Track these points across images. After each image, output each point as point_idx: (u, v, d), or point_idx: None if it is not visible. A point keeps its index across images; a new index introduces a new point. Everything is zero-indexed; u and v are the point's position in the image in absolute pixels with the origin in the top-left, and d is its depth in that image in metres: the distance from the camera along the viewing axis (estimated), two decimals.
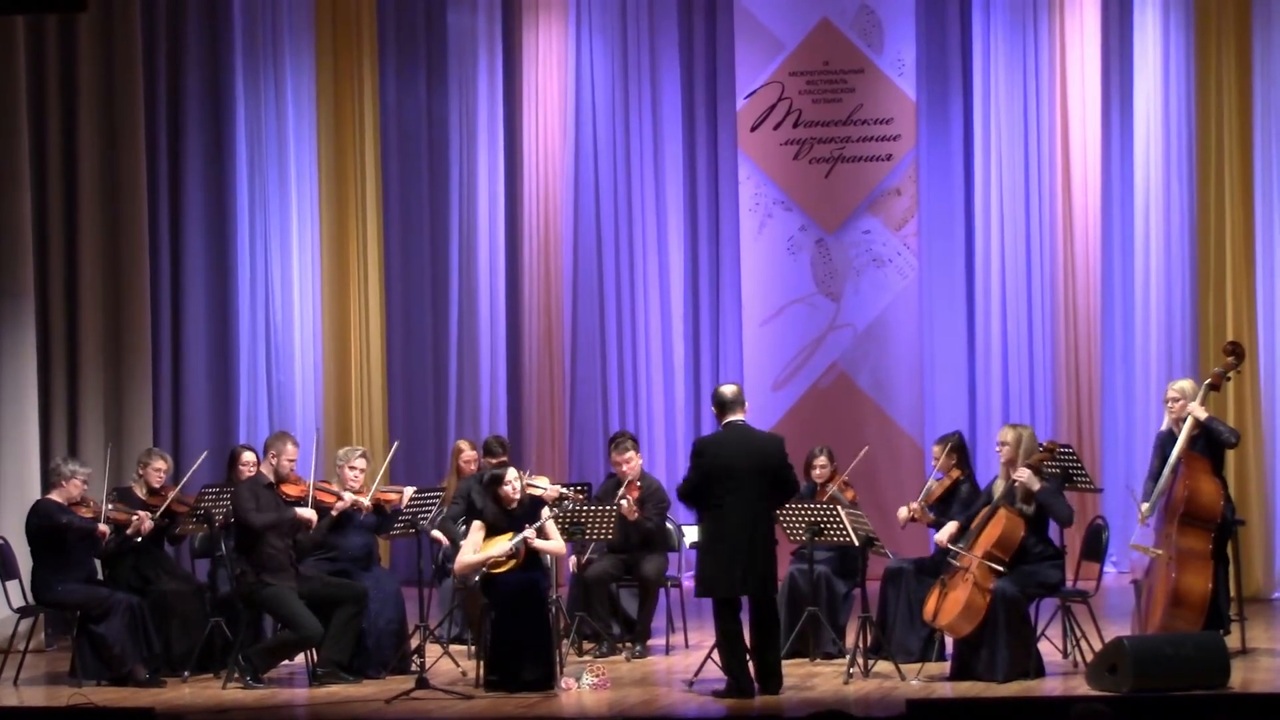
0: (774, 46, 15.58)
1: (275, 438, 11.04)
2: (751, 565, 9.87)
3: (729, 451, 9.95)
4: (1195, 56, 14.12)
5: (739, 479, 9.87)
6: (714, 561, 9.94)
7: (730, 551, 9.88)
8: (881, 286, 15.47)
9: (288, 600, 10.52)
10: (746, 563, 9.85)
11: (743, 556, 9.85)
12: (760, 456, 9.96)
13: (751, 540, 9.87)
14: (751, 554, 9.86)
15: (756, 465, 9.91)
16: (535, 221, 15.68)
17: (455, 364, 15.63)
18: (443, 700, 9.95)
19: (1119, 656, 9.60)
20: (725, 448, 9.99)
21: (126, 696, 10.36)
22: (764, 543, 9.93)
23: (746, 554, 9.85)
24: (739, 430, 10.07)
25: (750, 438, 10.08)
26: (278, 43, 14.82)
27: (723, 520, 9.91)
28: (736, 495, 9.87)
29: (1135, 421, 14.51)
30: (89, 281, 13.13)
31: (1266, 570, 13.84)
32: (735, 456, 9.92)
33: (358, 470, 11.15)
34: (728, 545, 9.89)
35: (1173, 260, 14.31)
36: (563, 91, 15.72)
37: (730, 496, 9.87)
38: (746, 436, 10.07)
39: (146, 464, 11.42)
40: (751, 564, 9.87)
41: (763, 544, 9.92)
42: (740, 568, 9.86)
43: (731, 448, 9.97)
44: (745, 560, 9.85)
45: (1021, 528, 10.17)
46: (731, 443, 10.01)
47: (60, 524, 10.80)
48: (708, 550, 10.01)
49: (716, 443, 10.07)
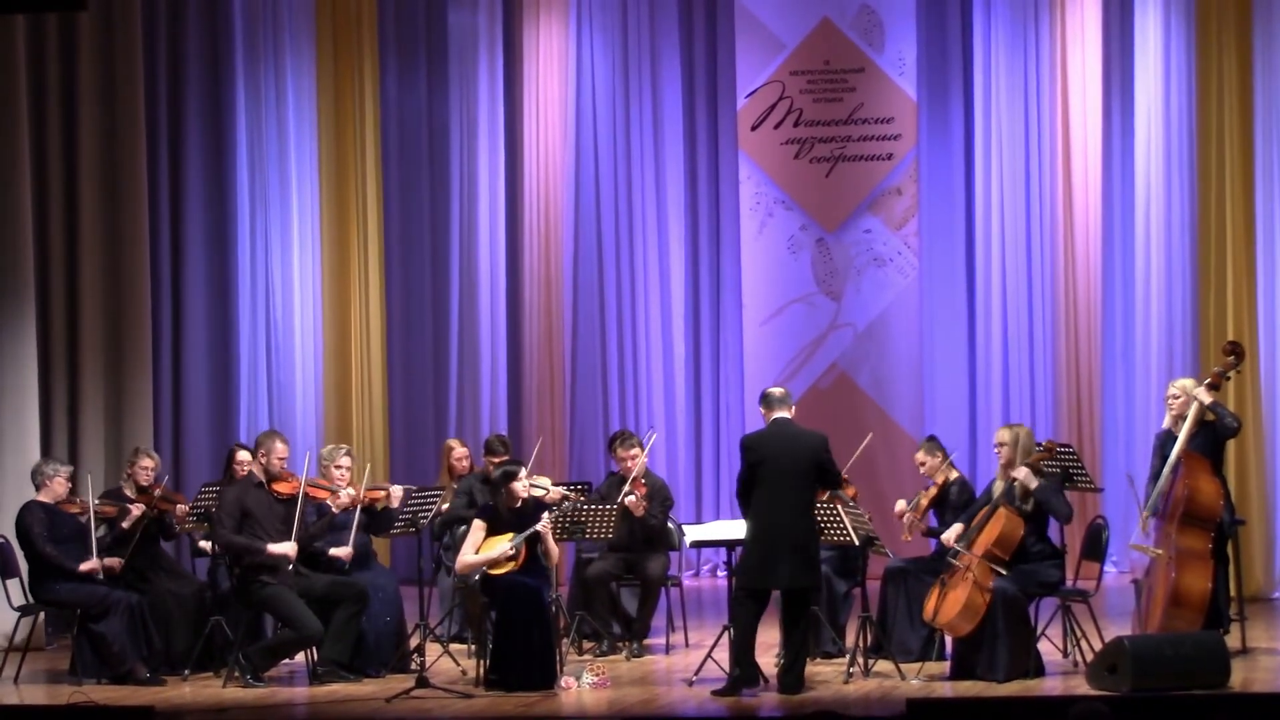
0: (774, 46, 15.59)
1: (264, 436, 11.01)
2: (792, 561, 9.95)
3: (773, 445, 10.10)
4: (1196, 54, 14.12)
5: (782, 474, 10.02)
6: (754, 553, 10.04)
7: (770, 545, 9.98)
8: (882, 286, 15.48)
9: (287, 599, 10.51)
10: (786, 558, 9.94)
11: (781, 549, 9.95)
12: (804, 451, 10.09)
13: (792, 535, 9.96)
14: (790, 547, 9.95)
15: (799, 459, 10.05)
16: (535, 220, 15.68)
17: (455, 363, 15.64)
18: (443, 699, 9.95)
19: (1119, 656, 9.59)
20: (770, 442, 10.13)
21: (126, 695, 10.35)
22: (805, 538, 10.01)
23: (785, 547, 9.95)
24: (783, 426, 10.21)
25: (794, 433, 10.21)
26: (278, 42, 14.82)
27: (764, 514, 10.02)
28: (778, 490, 10.00)
29: (1135, 421, 14.50)
30: (89, 282, 13.13)
31: (1266, 570, 13.83)
32: (779, 452, 10.06)
33: (344, 469, 11.12)
34: (768, 539, 9.98)
35: (1173, 259, 14.31)
36: (563, 91, 15.72)
37: (772, 491, 10.00)
38: (790, 432, 10.20)
39: (134, 462, 11.40)
40: (792, 560, 9.95)
41: (804, 540, 10.00)
42: (779, 563, 9.95)
43: (776, 442, 10.12)
44: (785, 556, 9.94)
45: (1021, 527, 10.16)
46: (775, 438, 10.15)
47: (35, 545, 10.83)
48: (749, 542, 10.11)
49: (761, 439, 10.20)
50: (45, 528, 10.87)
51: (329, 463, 11.15)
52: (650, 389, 15.70)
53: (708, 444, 15.80)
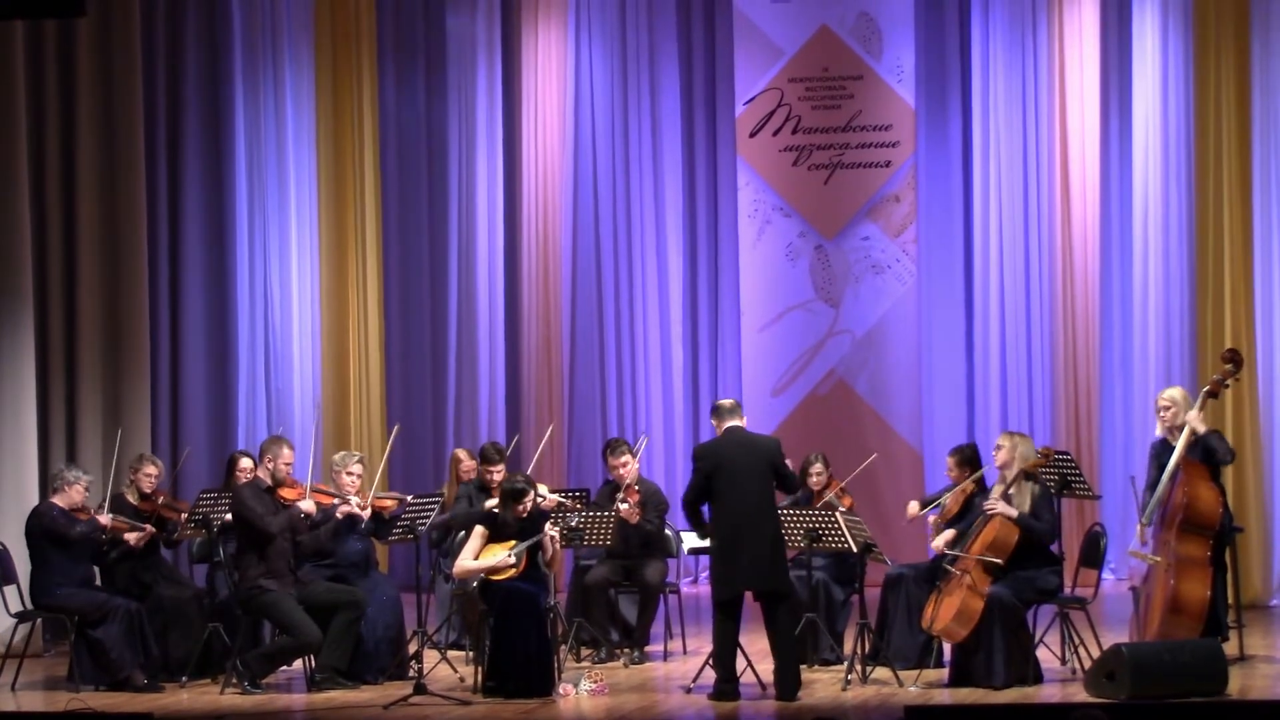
0: (773, 53, 15.59)
1: (270, 441, 11.00)
2: (753, 562, 9.95)
3: (727, 453, 10.12)
4: (1194, 63, 14.14)
5: (738, 478, 10.03)
6: (719, 561, 10.06)
7: (732, 550, 9.98)
8: (880, 293, 15.48)
9: (286, 606, 10.51)
10: (748, 560, 9.94)
11: (745, 555, 9.94)
12: (757, 455, 10.11)
13: (753, 538, 9.96)
14: (753, 551, 9.94)
15: (755, 464, 10.08)
16: (534, 226, 15.68)
17: (454, 370, 15.63)
18: (441, 706, 9.95)
19: (1117, 663, 9.60)
20: (723, 450, 10.15)
21: (124, 702, 10.35)
22: (767, 540, 10.01)
23: (751, 551, 9.94)
24: (736, 434, 10.23)
25: (747, 439, 10.24)
26: (277, 48, 14.83)
27: (724, 520, 10.04)
28: (736, 494, 10.01)
29: (1134, 428, 14.52)
30: (88, 287, 13.13)
31: (1264, 577, 13.83)
32: (733, 457, 10.08)
33: (355, 476, 11.10)
34: (730, 544, 9.99)
35: (1171, 267, 14.33)
36: (562, 97, 15.72)
37: (730, 496, 10.01)
38: (743, 439, 10.23)
39: (137, 469, 11.39)
40: (753, 561, 9.95)
41: (766, 541, 10.00)
42: (742, 566, 9.95)
43: (729, 449, 10.14)
44: (747, 558, 9.94)
45: (1015, 533, 10.17)
46: (729, 445, 10.18)
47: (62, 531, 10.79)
48: (714, 551, 10.13)
49: (714, 447, 10.24)
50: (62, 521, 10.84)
51: (341, 468, 11.09)
52: (648, 396, 15.70)
53: None
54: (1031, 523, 10.17)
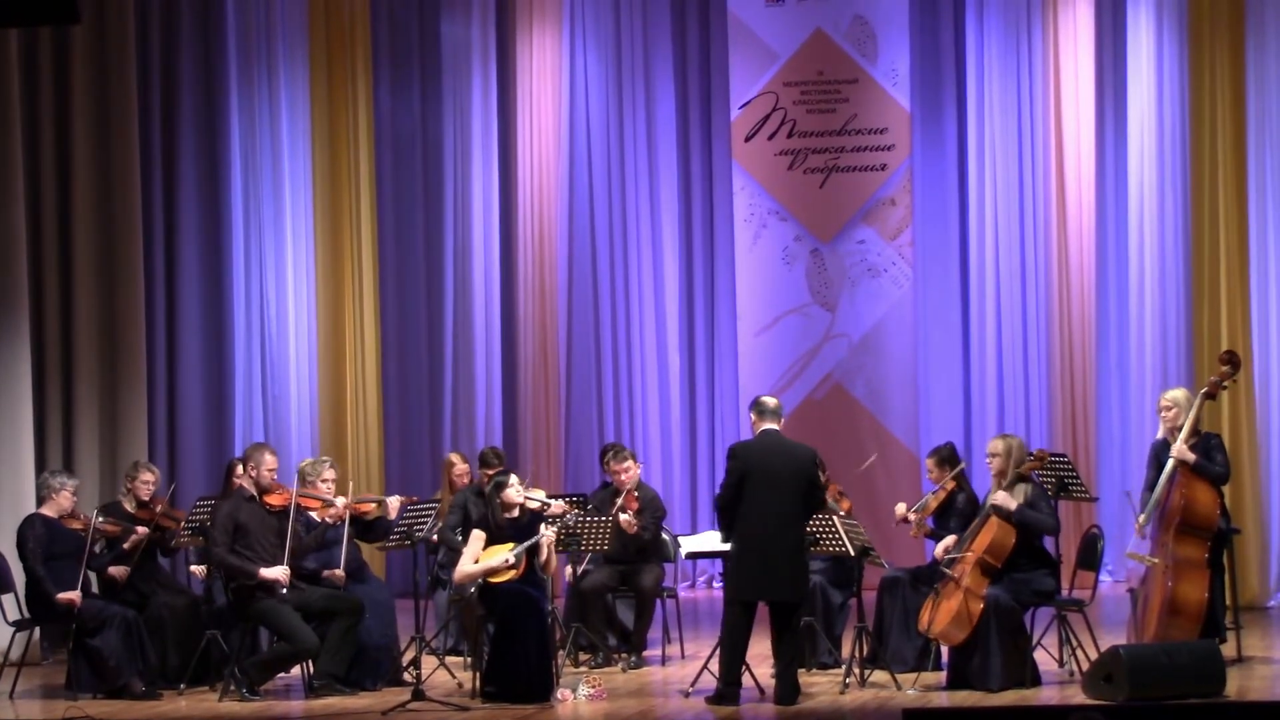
0: (768, 57, 15.59)
1: (253, 449, 10.95)
2: (778, 570, 9.95)
3: (763, 457, 10.06)
4: (1189, 66, 14.16)
5: (770, 485, 9.98)
6: (742, 565, 10.02)
7: (754, 556, 9.96)
8: (876, 296, 15.47)
9: (283, 613, 10.51)
10: (773, 567, 9.93)
11: (770, 561, 9.93)
12: (793, 463, 10.05)
13: (777, 547, 9.94)
14: (778, 559, 9.94)
15: (790, 474, 10.02)
16: (530, 232, 15.68)
17: (450, 375, 15.63)
18: (439, 712, 9.95)
19: (1115, 665, 9.60)
20: (759, 453, 10.09)
21: (122, 710, 10.35)
22: (792, 548, 10.00)
23: (774, 558, 9.93)
24: (773, 437, 10.18)
25: (785, 446, 10.17)
26: (272, 54, 14.83)
27: (751, 524, 10.00)
28: (766, 500, 9.97)
29: (1130, 431, 14.52)
30: (84, 295, 13.14)
31: (1262, 578, 13.85)
32: (769, 463, 10.02)
33: (329, 482, 11.05)
34: (756, 549, 9.96)
35: (1167, 269, 14.33)
36: (557, 102, 15.73)
37: (759, 501, 9.97)
38: (780, 445, 10.16)
39: (134, 477, 11.36)
40: (778, 569, 9.94)
41: (791, 550, 9.99)
42: (767, 572, 9.94)
43: (765, 454, 10.08)
44: (773, 565, 9.93)
45: (1012, 535, 10.17)
46: (765, 449, 10.12)
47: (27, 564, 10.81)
48: (737, 554, 10.08)
49: (750, 449, 10.18)
50: (42, 544, 10.84)
51: (314, 477, 11.04)
52: (645, 400, 15.70)
53: (703, 455, 15.80)
54: (1031, 513, 10.16)
